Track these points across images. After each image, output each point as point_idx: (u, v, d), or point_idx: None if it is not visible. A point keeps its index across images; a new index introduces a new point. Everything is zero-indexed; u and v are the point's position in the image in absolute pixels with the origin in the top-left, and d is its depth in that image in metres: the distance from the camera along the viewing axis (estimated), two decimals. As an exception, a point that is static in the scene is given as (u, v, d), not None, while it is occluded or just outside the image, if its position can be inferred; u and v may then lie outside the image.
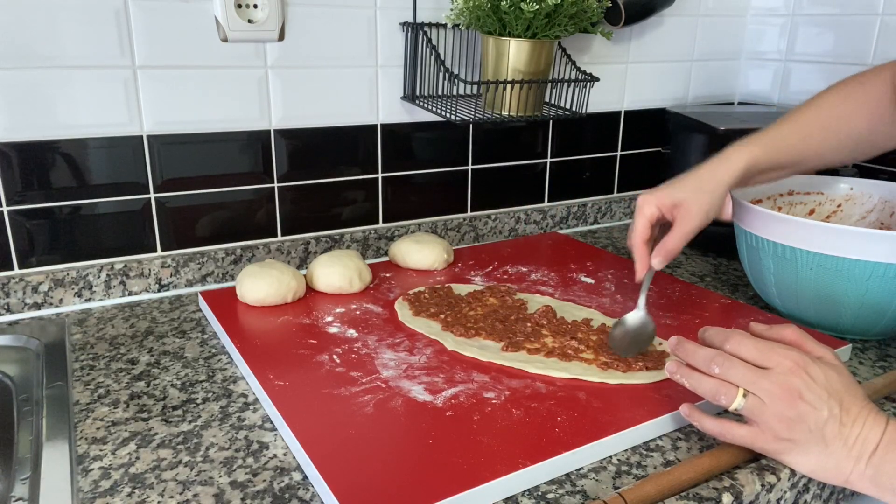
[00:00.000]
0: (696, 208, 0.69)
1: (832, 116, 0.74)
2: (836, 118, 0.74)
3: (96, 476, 0.55)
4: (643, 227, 0.71)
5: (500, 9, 0.87)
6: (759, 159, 0.71)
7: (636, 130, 1.26)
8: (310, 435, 0.58)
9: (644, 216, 0.71)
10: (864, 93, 0.74)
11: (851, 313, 0.76)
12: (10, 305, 0.84)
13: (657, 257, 0.70)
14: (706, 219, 0.70)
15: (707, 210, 0.70)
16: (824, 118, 0.74)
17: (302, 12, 0.91)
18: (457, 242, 1.13)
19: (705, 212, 0.69)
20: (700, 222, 0.70)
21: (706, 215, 0.70)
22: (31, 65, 0.79)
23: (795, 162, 0.74)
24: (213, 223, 0.94)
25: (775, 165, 0.73)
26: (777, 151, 0.72)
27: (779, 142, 0.73)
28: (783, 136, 0.73)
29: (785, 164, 0.74)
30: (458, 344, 0.73)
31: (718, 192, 0.70)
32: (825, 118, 0.74)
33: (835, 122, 0.74)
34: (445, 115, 0.92)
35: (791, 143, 0.73)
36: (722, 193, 0.70)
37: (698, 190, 0.70)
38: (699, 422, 0.58)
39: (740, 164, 0.70)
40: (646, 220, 0.71)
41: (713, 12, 1.27)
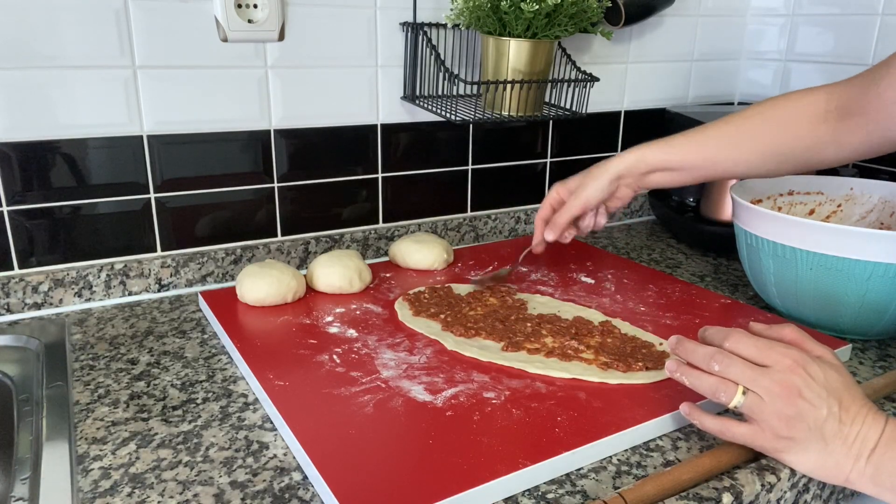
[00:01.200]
0: (582, 190, 0.83)
1: (737, 129, 0.77)
2: (741, 131, 0.77)
3: (96, 476, 0.55)
4: (545, 207, 0.87)
5: (500, 9, 0.87)
6: (648, 157, 0.80)
7: (636, 130, 1.26)
8: (310, 435, 0.58)
9: (547, 199, 0.87)
10: (780, 110, 0.76)
11: (851, 313, 0.76)
12: (10, 305, 0.84)
13: (548, 230, 0.85)
14: (588, 200, 0.82)
15: (589, 193, 0.82)
16: (728, 129, 0.78)
17: (302, 12, 0.91)
18: (457, 242, 1.13)
19: (587, 194, 0.82)
20: (581, 203, 0.82)
21: (587, 197, 0.82)
22: (31, 65, 0.79)
23: (690, 167, 0.79)
24: (213, 223, 0.94)
25: (666, 166, 0.80)
26: (672, 154, 0.79)
27: (678, 146, 0.79)
28: (685, 141, 0.79)
29: (681, 167, 0.79)
30: (458, 344, 0.73)
31: (600, 178, 0.82)
32: (729, 130, 0.78)
33: (737, 134, 0.77)
34: (445, 115, 0.92)
35: (690, 149, 0.79)
36: (604, 180, 0.81)
37: (585, 176, 0.83)
38: (699, 420, 0.58)
39: (628, 158, 0.81)
40: (548, 202, 0.87)
41: (713, 12, 1.27)
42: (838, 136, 0.73)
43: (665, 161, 0.80)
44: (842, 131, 0.72)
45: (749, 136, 0.76)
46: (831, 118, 0.73)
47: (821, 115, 0.73)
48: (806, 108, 0.74)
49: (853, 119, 0.71)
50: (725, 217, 1.07)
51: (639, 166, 0.81)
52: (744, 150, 0.77)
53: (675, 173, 0.80)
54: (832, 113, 0.73)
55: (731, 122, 0.78)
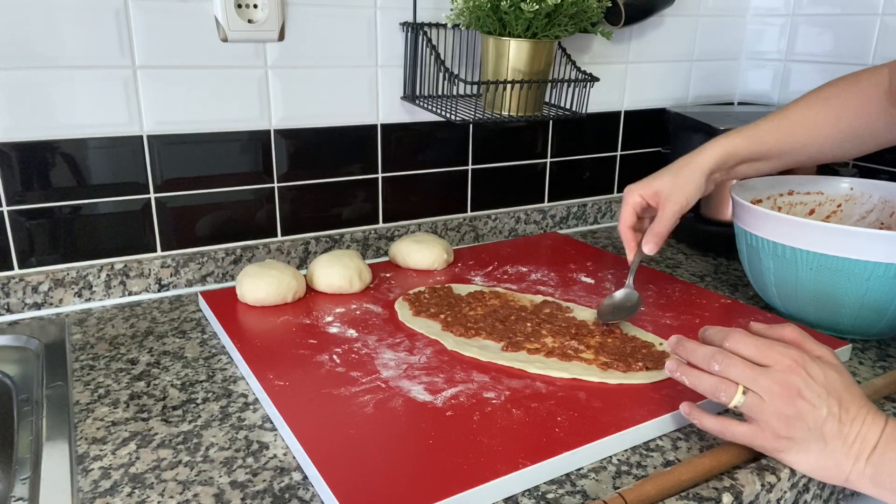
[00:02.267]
0: (675, 193, 0.75)
1: (820, 112, 0.76)
2: (825, 114, 0.75)
3: (96, 476, 0.55)
4: (628, 214, 0.78)
5: (500, 9, 0.87)
6: (739, 148, 0.75)
7: (636, 130, 1.26)
8: (310, 435, 0.58)
9: (629, 204, 0.78)
10: (855, 91, 0.75)
11: (851, 313, 0.76)
12: (10, 305, 0.84)
13: (648, 243, 0.76)
14: (686, 202, 0.75)
15: (686, 194, 0.75)
16: (812, 114, 0.76)
17: (302, 12, 0.91)
18: (457, 242, 1.13)
19: (684, 196, 0.75)
20: (681, 205, 0.75)
21: (685, 199, 0.75)
22: (31, 65, 0.79)
23: (778, 154, 0.76)
24: (213, 223, 0.94)
25: (757, 156, 0.76)
26: (759, 142, 0.75)
27: (762, 133, 0.76)
28: (767, 128, 0.76)
29: (767, 155, 0.76)
30: (458, 344, 0.73)
31: (695, 176, 0.75)
32: (813, 114, 0.76)
33: (822, 118, 0.75)
34: (445, 115, 0.92)
35: (774, 136, 0.76)
36: (699, 178, 0.75)
37: (676, 176, 0.75)
38: (699, 420, 0.59)
39: (718, 151, 0.75)
40: (630, 208, 0.78)
41: (713, 12, 1.27)
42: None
43: (756, 151, 0.76)
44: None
45: (830, 121, 0.75)
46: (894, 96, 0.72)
47: (887, 94, 0.72)
48: (874, 88, 0.73)
49: None
50: (725, 217, 1.07)
51: (730, 159, 0.76)
52: (826, 134, 0.75)
53: (764, 162, 0.77)
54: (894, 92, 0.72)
55: (812, 105, 0.76)
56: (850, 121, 0.74)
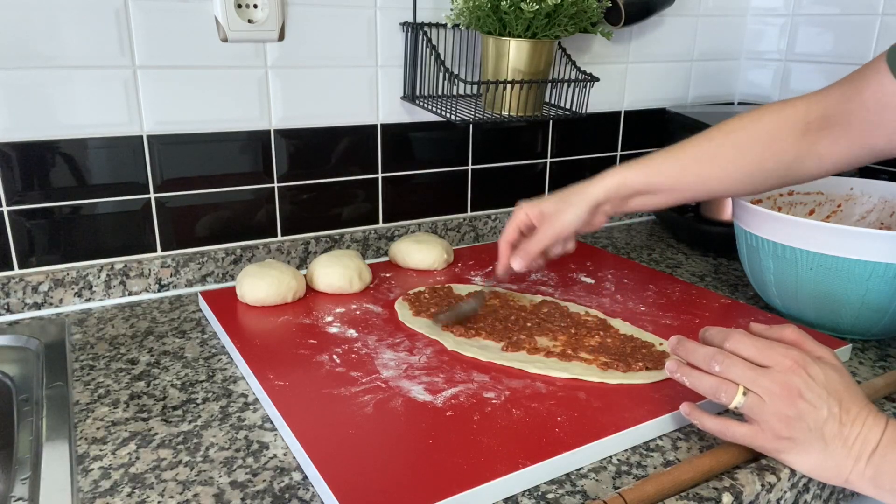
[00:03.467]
0: (554, 217, 0.75)
1: (722, 146, 0.73)
2: (726, 149, 0.72)
3: (96, 476, 0.55)
4: (511, 229, 0.79)
5: (500, 9, 0.87)
6: (630, 180, 0.74)
7: (636, 130, 1.26)
8: (310, 435, 0.58)
9: (514, 221, 0.78)
10: (762, 125, 0.72)
11: (851, 313, 0.76)
12: (10, 305, 0.84)
13: (516, 258, 0.77)
14: (562, 228, 0.75)
15: (564, 220, 0.75)
16: (712, 147, 0.73)
17: (302, 12, 0.91)
18: (457, 242, 1.13)
19: (561, 222, 0.75)
20: (556, 230, 0.75)
21: (562, 225, 0.75)
22: (31, 65, 0.79)
23: (673, 188, 0.74)
24: (213, 223, 0.94)
25: (650, 189, 0.74)
26: (652, 176, 0.74)
27: (656, 167, 0.74)
28: (663, 161, 0.74)
29: (661, 189, 0.74)
30: (458, 344, 0.73)
31: (580, 205, 0.74)
32: (713, 147, 0.73)
33: (723, 153, 0.72)
34: (445, 115, 0.92)
35: (669, 170, 0.74)
36: (583, 207, 0.74)
37: (561, 201, 0.76)
38: (699, 420, 0.59)
39: (606, 186, 0.74)
40: (514, 225, 0.78)
41: (713, 12, 1.27)
42: (819, 148, 0.69)
43: (648, 184, 0.74)
44: (822, 144, 0.69)
45: (732, 155, 0.72)
46: (812, 130, 0.69)
47: (801, 129, 0.70)
48: (786, 121, 0.71)
49: (834, 130, 0.68)
50: (725, 217, 1.07)
51: (620, 191, 0.74)
52: (727, 169, 0.72)
53: (658, 196, 0.75)
54: (812, 125, 0.69)
55: (713, 139, 0.73)
56: (756, 155, 0.71)
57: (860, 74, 0.67)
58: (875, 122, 0.65)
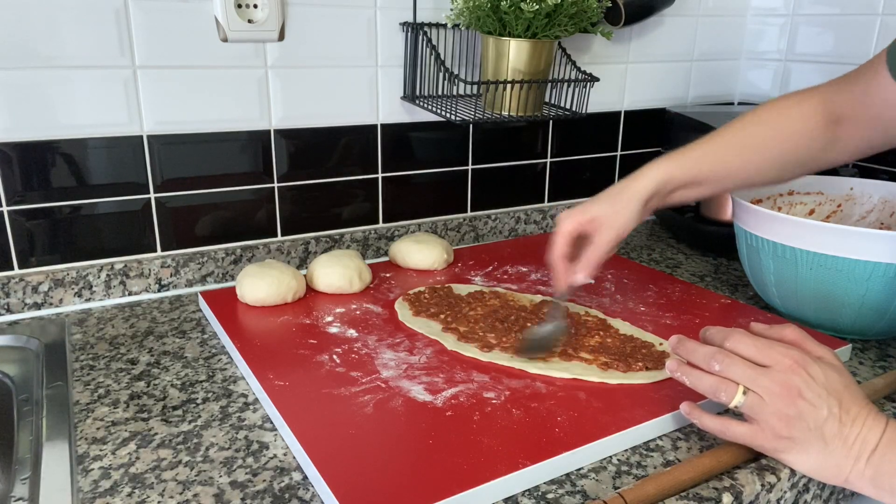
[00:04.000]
0: (609, 222, 0.72)
1: (756, 136, 0.74)
2: (761, 138, 0.74)
3: (96, 476, 0.55)
4: (562, 243, 0.73)
5: (500, 9, 0.87)
6: (674, 175, 0.73)
7: (636, 130, 1.26)
8: (310, 435, 0.58)
9: (562, 233, 0.73)
10: (791, 114, 0.74)
11: (851, 313, 0.76)
12: (10, 305, 0.84)
13: (582, 271, 0.72)
14: (620, 231, 0.72)
15: (623, 221, 0.72)
16: (747, 137, 0.74)
17: (302, 12, 0.91)
18: (457, 242, 1.13)
19: (619, 225, 0.72)
20: (617, 233, 0.72)
21: (622, 226, 0.72)
22: (31, 65, 0.79)
23: (714, 178, 0.74)
24: (213, 223, 0.94)
25: (692, 182, 0.74)
26: (693, 169, 0.74)
27: (697, 159, 0.74)
28: (701, 154, 0.74)
29: (702, 181, 0.74)
30: (458, 344, 0.73)
31: (630, 206, 0.72)
32: (748, 137, 0.74)
33: (758, 142, 0.74)
34: (445, 115, 0.92)
35: (709, 161, 0.74)
36: (636, 206, 0.72)
37: (611, 205, 0.72)
38: (699, 419, 0.59)
39: (653, 180, 0.72)
40: (563, 237, 0.73)
41: (713, 12, 1.27)
42: (838, 138, 0.72)
43: (691, 177, 0.74)
44: (840, 134, 0.72)
45: (767, 144, 0.74)
46: (830, 122, 0.72)
47: (820, 120, 0.72)
48: (806, 112, 0.73)
49: (848, 122, 0.71)
50: (725, 217, 1.07)
51: (667, 186, 0.73)
52: (763, 157, 0.74)
53: (701, 187, 0.75)
54: (830, 116, 0.72)
55: (747, 129, 0.75)
56: (787, 144, 0.73)
57: (862, 75, 0.70)
58: (885, 117, 0.68)
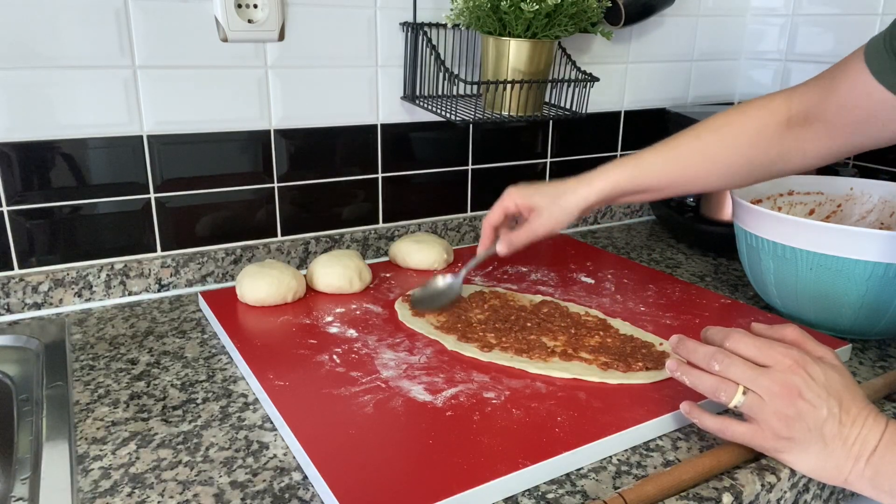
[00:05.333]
0: (546, 218, 0.75)
1: (711, 143, 0.73)
2: (715, 145, 0.73)
3: (96, 476, 0.55)
4: (497, 214, 0.78)
5: (500, 9, 0.87)
6: (622, 184, 0.75)
7: (636, 130, 1.26)
8: (310, 435, 0.58)
9: (502, 206, 0.78)
10: (748, 121, 0.72)
11: (851, 313, 0.76)
12: (10, 305, 0.84)
13: (501, 245, 0.77)
14: (554, 228, 0.76)
15: (555, 221, 0.75)
16: (702, 145, 0.74)
17: (302, 12, 0.91)
18: (457, 242, 1.13)
19: (554, 222, 0.75)
20: (546, 230, 0.75)
21: (554, 225, 0.75)
22: (31, 65, 0.79)
23: (665, 186, 0.75)
24: (213, 223, 0.94)
25: (641, 189, 0.75)
26: (643, 176, 0.75)
27: (648, 167, 0.75)
28: (654, 161, 0.75)
29: (652, 189, 0.75)
30: (458, 344, 0.73)
31: (570, 209, 0.75)
32: (703, 145, 0.74)
33: (713, 150, 0.73)
34: (445, 115, 0.92)
35: (660, 169, 0.74)
36: (573, 211, 0.75)
37: (554, 203, 0.75)
38: (699, 419, 0.59)
39: (599, 189, 0.75)
40: (501, 210, 0.78)
41: (713, 12, 1.27)
42: (802, 143, 0.70)
43: (638, 184, 0.75)
44: (805, 139, 0.70)
45: (720, 151, 0.73)
46: (794, 125, 0.70)
47: (783, 124, 0.70)
48: (771, 116, 0.71)
49: (814, 126, 0.69)
50: (725, 217, 1.07)
51: (612, 194, 0.75)
52: (716, 165, 0.73)
53: (647, 194, 0.76)
54: (794, 119, 0.70)
55: (701, 136, 0.74)
56: (743, 151, 0.72)
57: (835, 72, 0.68)
58: (851, 119, 0.66)
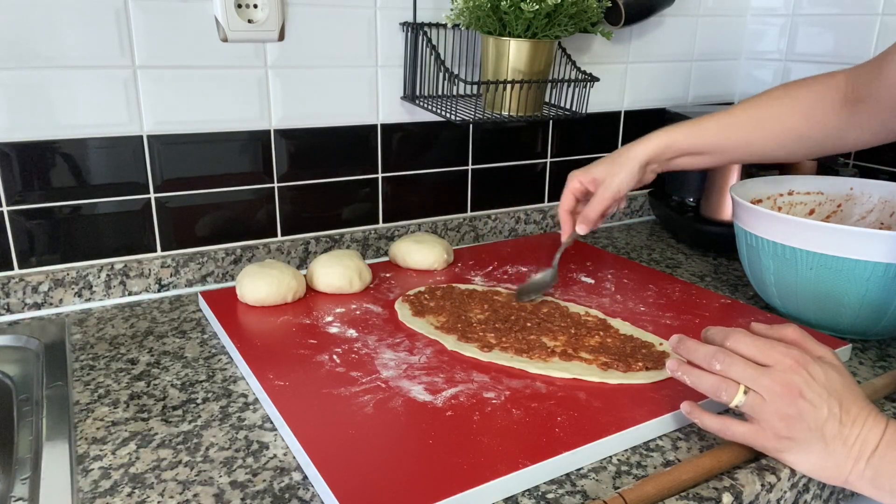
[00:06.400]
0: (609, 179, 0.79)
1: (768, 110, 0.77)
2: (773, 113, 0.76)
3: (96, 476, 0.55)
4: (568, 198, 0.84)
5: (500, 9, 0.87)
6: (677, 140, 0.78)
7: (636, 130, 1.26)
8: (310, 435, 0.58)
9: (569, 189, 0.83)
10: (809, 93, 0.76)
11: (851, 313, 0.76)
12: (10, 305, 0.84)
13: (580, 224, 0.82)
14: (618, 188, 0.79)
15: (619, 180, 0.79)
16: (759, 112, 0.77)
17: (302, 12, 0.91)
18: (457, 242, 1.13)
19: (617, 182, 0.79)
20: (612, 191, 0.79)
21: (617, 185, 0.79)
22: (31, 65, 0.79)
23: (719, 149, 0.78)
24: (213, 223, 0.94)
25: (696, 149, 0.78)
26: (699, 136, 0.78)
27: (703, 128, 0.78)
28: (710, 123, 0.78)
29: (707, 150, 0.78)
30: (458, 344, 0.73)
31: (630, 165, 0.79)
32: (760, 112, 0.77)
33: (769, 116, 0.76)
34: (445, 115, 0.92)
35: (715, 131, 0.78)
36: (633, 166, 0.79)
37: (612, 164, 0.80)
38: (700, 419, 0.58)
39: (656, 142, 0.79)
40: (570, 193, 0.83)
41: (713, 12, 1.27)
42: (857, 120, 0.73)
43: (694, 145, 0.78)
44: (859, 116, 0.73)
45: (776, 120, 0.76)
46: (849, 103, 0.73)
47: (840, 100, 0.73)
48: (827, 92, 0.74)
49: (866, 104, 0.72)
50: (725, 217, 1.07)
51: (666, 152, 0.78)
52: (770, 133, 0.76)
53: (702, 157, 0.79)
54: (849, 97, 0.73)
55: (759, 104, 0.77)
56: (800, 121, 0.75)
57: (886, 53, 0.70)
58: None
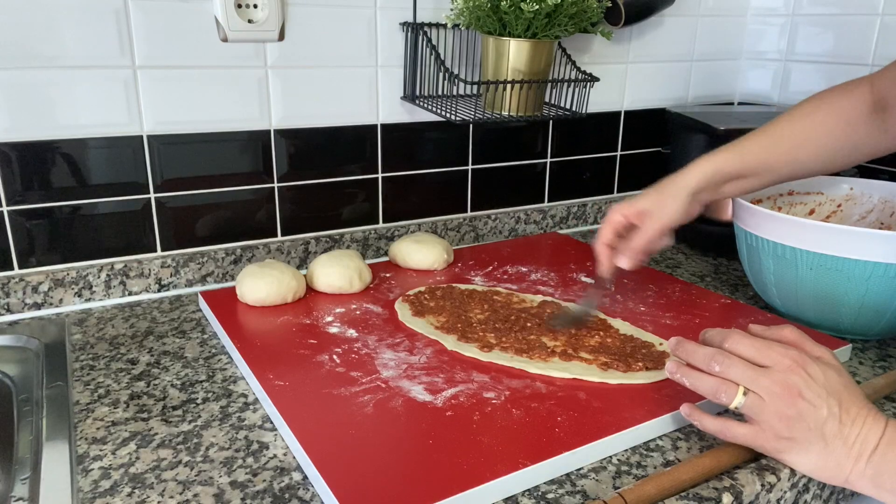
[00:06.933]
0: (657, 211, 0.75)
1: (805, 128, 0.76)
2: (809, 129, 0.76)
3: (96, 476, 0.55)
4: (607, 231, 0.78)
5: (500, 9, 0.87)
6: (724, 166, 0.75)
7: (636, 130, 1.26)
8: (310, 435, 0.58)
9: (610, 223, 0.78)
10: (838, 105, 0.75)
11: (851, 313, 0.76)
12: (10, 305, 0.84)
13: (623, 256, 0.77)
14: (668, 220, 0.75)
15: (669, 212, 0.75)
16: (797, 129, 0.76)
17: (302, 12, 0.91)
18: (457, 242, 1.13)
19: (666, 213, 0.75)
20: (661, 223, 0.75)
21: (667, 217, 0.75)
22: (31, 65, 0.79)
23: (764, 170, 0.76)
24: (213, 223, 0.94)
25: (743, 173, 0.76)
26: (744, 159, 0.75)
27: (747, 150, 0.76)
28: (752, 144, 0.76)
29: (753, 172, 0.76)
30: (458, 344, 0.73)
31: (679, 196, 0.75)
32: (798, 129, 0.76)
33: (807, 134, 0.76)
34: (445, 115, 0.92)
35: (759, 152, 0.76)
36: (683, 197, 0.75)
37: (660, 195, 0.76)
38: (699, 421, 0.58)
39: (704, 170, 0.75)
40: (610, 226, 0.78)
41: (713, 12, 1.27)
42: (887, 125, 0.73)
43: (742, 168, 0.75)
44: (889, 122, 0.73)
45: (816, 135, 0.75)
46: (878, 109, 0.73)
47: (870, 108, 0.74)
48: (857, 101, 0.74)
49: (893, 110, 0.72)
50: (725, 217, 1.06)
51: (716, 178, 0.75)
52: (813, 148, 0.75)
53: (751, 179, 0.77)
54: (877, 104, 0.73)
55: (795, 120, 0.76)
56: (834, 135, 0.75)
57: None
58: None
